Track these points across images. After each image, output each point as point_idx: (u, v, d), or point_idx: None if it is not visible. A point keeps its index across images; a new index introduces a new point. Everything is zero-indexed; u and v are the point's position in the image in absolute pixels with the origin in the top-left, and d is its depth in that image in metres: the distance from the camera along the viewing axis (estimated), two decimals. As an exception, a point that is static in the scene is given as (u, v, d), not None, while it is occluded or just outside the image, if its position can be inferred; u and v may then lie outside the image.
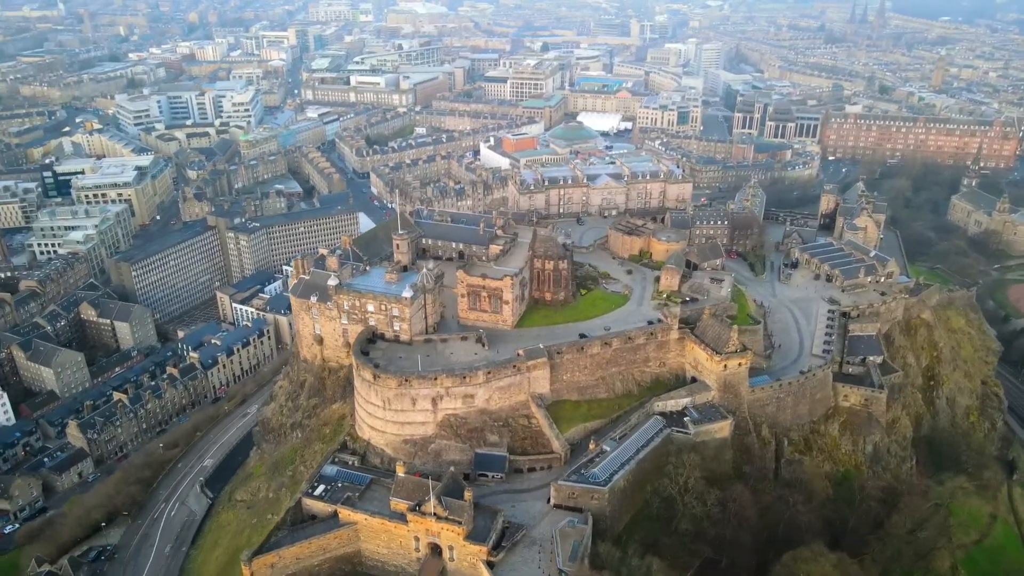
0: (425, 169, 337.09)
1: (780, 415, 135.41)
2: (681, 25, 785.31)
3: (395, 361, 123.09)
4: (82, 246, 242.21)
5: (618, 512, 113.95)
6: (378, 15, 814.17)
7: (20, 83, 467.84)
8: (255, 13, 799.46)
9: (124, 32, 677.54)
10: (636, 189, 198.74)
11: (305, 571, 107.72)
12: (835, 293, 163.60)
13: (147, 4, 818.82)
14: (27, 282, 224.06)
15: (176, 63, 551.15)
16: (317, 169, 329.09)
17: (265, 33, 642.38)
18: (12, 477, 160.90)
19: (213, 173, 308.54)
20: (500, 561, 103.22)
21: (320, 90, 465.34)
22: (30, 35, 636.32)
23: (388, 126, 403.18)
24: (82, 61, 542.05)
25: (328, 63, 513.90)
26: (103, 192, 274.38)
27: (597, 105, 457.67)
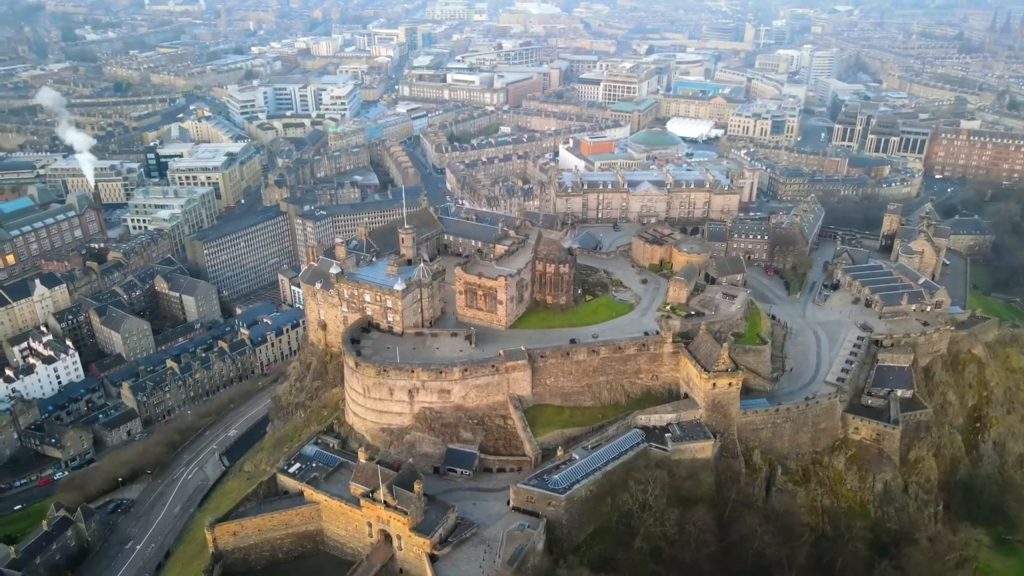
0: (500, 167, 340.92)
1: (776, 442, 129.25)
2: (802, 30, 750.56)
3: (381, 351, 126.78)
4: (167, 224, 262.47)
5: (577, 522, 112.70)
6: (492, 14, 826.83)
7: (152, 72, 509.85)
8: (375, 11, 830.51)
9: (253, 27, 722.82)
10: (679, 198, 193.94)
11: (267, 543, 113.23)
12: (871, 319, 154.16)
13: (279, 1, 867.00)
14: (114, 253, 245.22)
15: (292, 57, 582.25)
16: (396, 163, 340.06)
17: (377, 30, 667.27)
18: (66, 429, 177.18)
19: (297, 162, 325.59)
20: (444, 556, 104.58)
21: (417, 87, 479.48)
22: (170, 28, 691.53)
23: (474, 124, 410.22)
24: (210, 53, 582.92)
25: (430, 61, 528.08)
26: (194, 175, 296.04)
27: (690, 111, 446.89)
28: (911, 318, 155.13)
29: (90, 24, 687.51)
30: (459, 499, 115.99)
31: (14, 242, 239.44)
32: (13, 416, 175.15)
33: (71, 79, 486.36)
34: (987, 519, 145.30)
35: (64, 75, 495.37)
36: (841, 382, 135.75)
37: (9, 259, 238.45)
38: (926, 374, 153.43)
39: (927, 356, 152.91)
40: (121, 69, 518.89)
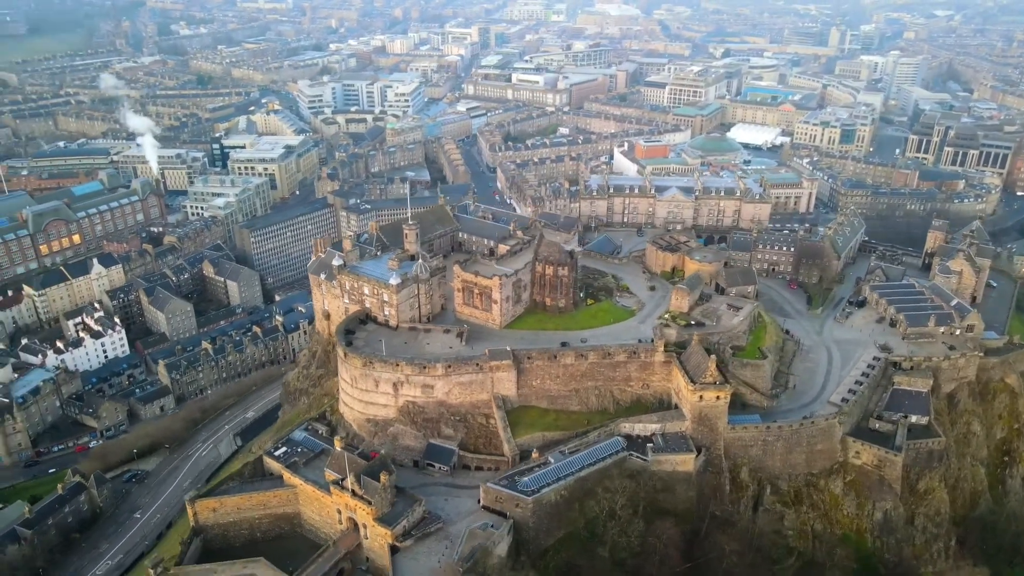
0: (552, 168, 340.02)
1: (767, 460, 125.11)
2: (894, 36, 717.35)
3: (373, 343, 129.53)
4: (221, 211, 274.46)
5: (546, 526, 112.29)
6: (570, 15, 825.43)
7: (233, 66, 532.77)
8: (454, 10, 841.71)
9: (335, 24, 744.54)
10: (707, 205, 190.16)
11: (246, 522, 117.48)
12: (894, 340, 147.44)
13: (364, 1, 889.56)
14: (169, 237, 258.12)
15: (367, 54, 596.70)
16: (448, 160, 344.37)
17: (452, 30, 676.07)
18: (103, 400, 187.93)
19: (352, 156, 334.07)
20: (405, 548, 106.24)
21: (482, 86, 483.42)
22: (257, 24, 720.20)
23: (533, 124, 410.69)
24: (290, 49, 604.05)
25: (497, 60, 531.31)
26: (252, 165, 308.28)
27: (757, 117, 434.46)
28: (937, 341, 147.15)
29: (185, 20, 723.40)
30: (434, 494, 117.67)
31: (80, 223, 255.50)
32: (56, 385, 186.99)
33: (159, 72, 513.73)
34: (1008, 559, 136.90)
35: (153, 68, 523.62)
36: (845, 403, 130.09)
37: (75, 239, 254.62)
38: (950, 401, 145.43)
39: (952, 382, 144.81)
40: (205, 63, 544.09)
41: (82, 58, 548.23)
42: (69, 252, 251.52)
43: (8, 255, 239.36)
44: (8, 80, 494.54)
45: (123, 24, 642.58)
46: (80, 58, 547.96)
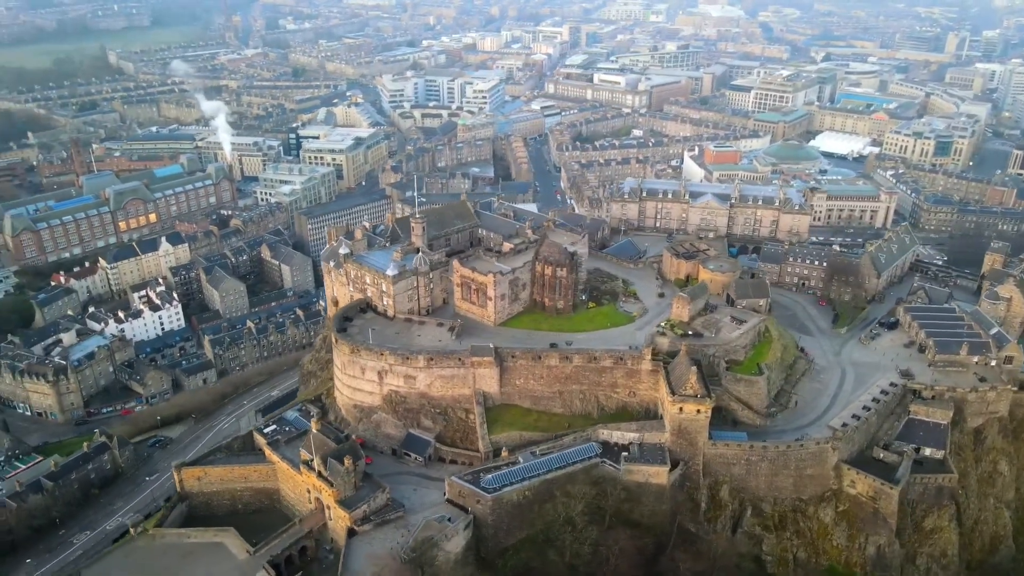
0: (615, 170, 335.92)
1: (751, 480, 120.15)
2: (1021, 43, 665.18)
3: (365, 331, 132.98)
4: (286, 198, 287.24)
5: (506, 525, 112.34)
6: (669, 16, 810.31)
7: (327, 60, 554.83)
8: (551, 9, 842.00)
9: (432, 22, 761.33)
10: (743, 214, 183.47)
11: (228, 493, 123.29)
12: (919, 366, 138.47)
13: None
14: (235, 221, 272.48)
15: (457, 52, 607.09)
16: (514, 158, 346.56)
17: (543, 28, 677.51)
18: (149, 369, 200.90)
19: (419, 150, 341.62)
20: (362, 532, 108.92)
21: (563, 85, 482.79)
22: (358, 20, 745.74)
23: (607, 125, 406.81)
24: (385, 45, 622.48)
25: (582, 60, 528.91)
26: (321, 155, 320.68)
27: (847, 125, 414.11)
28: (968, 371, 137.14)
29: (292, 15, 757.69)
30: (405, 483, 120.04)
31: (157, 203, 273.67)
32: (110, 352, 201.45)
33: (260, 63, 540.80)
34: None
35: (255, 60, 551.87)
36: (845, 428, 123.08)
37: (151, 217, 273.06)
38: (976, 436, 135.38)
39: (979, 416, 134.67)
40: (303, 57, 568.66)
41: (193, 49, 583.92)
42: (145, 230, 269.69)
43: (91, 230, 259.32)
44: (125, 68, 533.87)
45: (234, 19, 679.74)
46: (192, 49, 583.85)
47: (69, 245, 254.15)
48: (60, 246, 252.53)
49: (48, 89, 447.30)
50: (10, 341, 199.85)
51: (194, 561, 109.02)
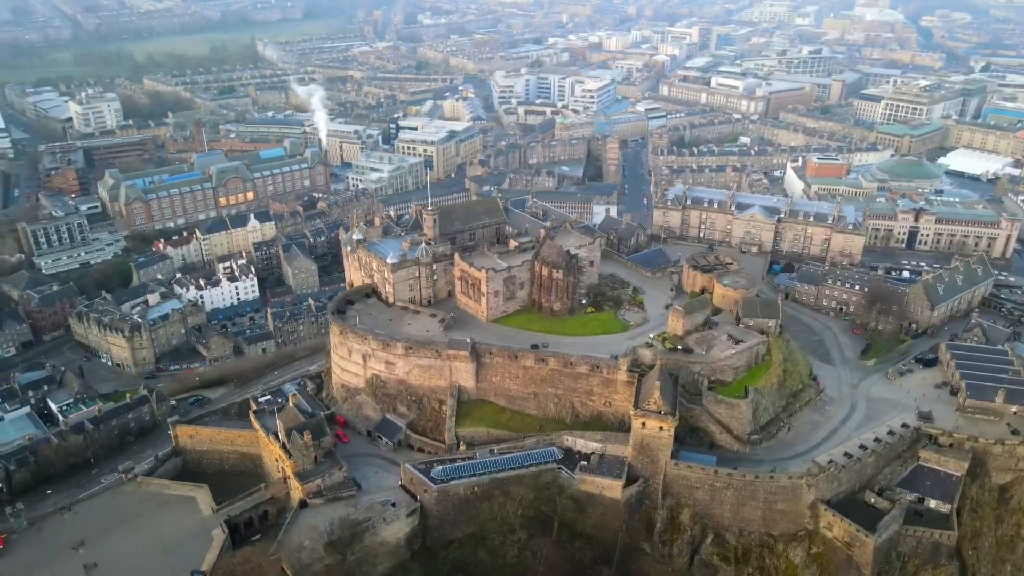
0: (708, 177, 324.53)
1: (715, 507, 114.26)
2: None
3: (362, 315, 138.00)
4: (373, 185, 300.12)
5: (452, 518, 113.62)
6: (817, 19, 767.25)
7: (451, 55, 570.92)
8: (689, 10, 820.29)
9: (565, 20, 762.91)
10: (793, 230, 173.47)
11: (216, 453, 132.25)
12: (943, 410, 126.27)
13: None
14: (322, 203, 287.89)
15: (581, 50, 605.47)
16: (605, 159, 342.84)
17: (671, 29, 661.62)
18: (213, 334, 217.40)
19: (510, 146, 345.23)
20: (313, 504, 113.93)
21: (678, 88, 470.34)
22: (491, 17, 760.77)
23: (713, 130, 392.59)
24: (511, 42, 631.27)
25: (704, 63, 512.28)
26: (414, 146, 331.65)
27: (987, 143, 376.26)
28: (1001, 421, 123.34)
29: (431, 11, 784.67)
30: (370, 464, 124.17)
31: (255, 182, 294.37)
32: (183, 315, 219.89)
33: (388, 56, 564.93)
34: None
35: (385, 52, 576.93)
36: (831, 465, 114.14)
37: (249, 195, 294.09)
38: (1001, 495, 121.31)
39: (1007, 473, 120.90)
40: (430, 51, 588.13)
41: (332, 41, 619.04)
42: (243, 206, 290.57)
43: (194, 203, 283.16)
44: (269, 57, 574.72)
45: (375, 13, 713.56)
46: (330, 41, 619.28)
47: (174, 216, 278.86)
48: (166, 216, 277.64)
49: (197, 74, 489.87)
50: (103, 297, 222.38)
51: (167, 511, 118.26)
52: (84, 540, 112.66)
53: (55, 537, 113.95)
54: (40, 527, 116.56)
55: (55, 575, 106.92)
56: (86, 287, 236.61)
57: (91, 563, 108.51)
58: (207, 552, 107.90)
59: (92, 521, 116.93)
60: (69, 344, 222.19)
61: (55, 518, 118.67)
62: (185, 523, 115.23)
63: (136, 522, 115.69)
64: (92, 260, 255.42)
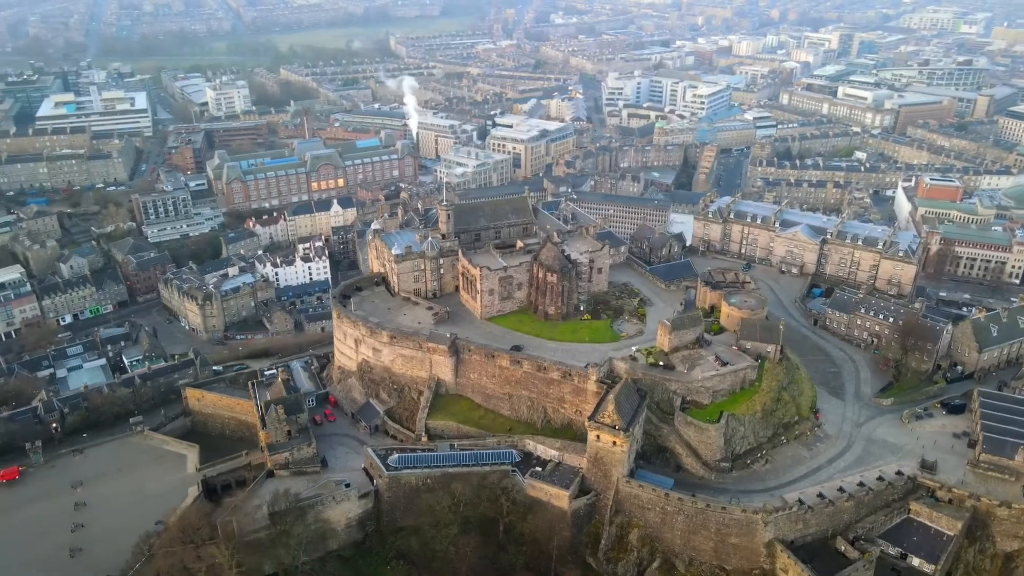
0: (807, 192, 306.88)
1: (665, 531, 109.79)
2: None
3: (366, 301, 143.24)
4: (457, 179, 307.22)
5: (403, 505, 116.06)
6: (987, 27, 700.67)
7: (571, 55, 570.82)
8: (838, 14, 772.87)
9: (700, 22, 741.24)
10: (839, 252, 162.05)
11: (218, 418, 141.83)
12: (953, 462, 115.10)
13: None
14: (404, 193, 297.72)
15: (708, 54, 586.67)
16: (699, 167, 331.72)
17: (809, 34, 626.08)
18: (276, 309, 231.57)
19: (600, 148, 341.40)
20: (279, 476, 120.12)
21: (799, 96, 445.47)
22: (623, 18, 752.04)
23: (826, 143, 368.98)
24: (637, 43, 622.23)
25: (835, 71, 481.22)
26: (503, 143, 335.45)
27: None
28: (1017, 483, 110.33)
29: (564, 10, 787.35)
30: (345, 445, 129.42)
31: (346, 170, 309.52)
32: (253, 290, 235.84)
33: (509, 54, 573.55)
34: None
35: (507, 50, 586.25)
36: (801, 505, 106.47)
37: (340, 182, 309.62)
38: (1006, 564, 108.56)
39: (1014, 540, 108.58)
40: (551, 50, 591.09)
41: (460, 38, 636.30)
42: (333, 192, 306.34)
43: (288, 186, 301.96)
44: (398, 52, 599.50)
45: (507, 12, 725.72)
46: (458, 38, 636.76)
47: (269, 196, 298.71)
48: (262, 196, 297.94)
49: (328, 65, 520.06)
50: (190, 267, 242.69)
51: (159, 464, 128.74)
52: (83, 481, 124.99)
53: (61, 475, 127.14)
54: (53, 464, 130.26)
55: (50, 508, 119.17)
56: (182, 256, 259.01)
57: (81, 502, 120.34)
58: (179, 506, 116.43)
59: (95, 465, 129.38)
60: (157, 307, 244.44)
61: (67, 458, 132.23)
62: (170, 477, 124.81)
63: (130, 471, 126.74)
64: (191, 232, 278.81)
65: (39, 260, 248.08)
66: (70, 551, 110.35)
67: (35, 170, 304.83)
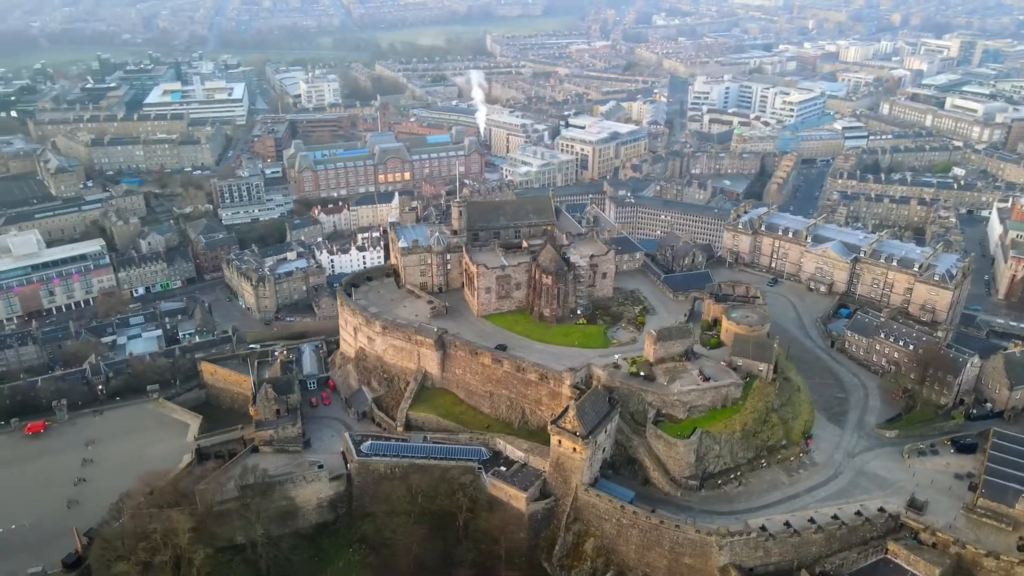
0: (888, 209, 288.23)
1: (621, 544, 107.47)
2: None
3: (371, 292, 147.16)
4: (519, 178, 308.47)
5: (372, 491, 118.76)
6: None
7: (665, 57, 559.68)
8: (967, 19, 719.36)
9: (811, 26, 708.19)
10: (872, 272, 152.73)
11: (228, 392, 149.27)
12: (947, 504, 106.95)
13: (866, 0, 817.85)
14: (466, 190, 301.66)
15: (812, 59, 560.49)
16: (774, 177, 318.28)
17: (927, 40, 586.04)
18: (324, 295, 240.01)
19: (671, 153, 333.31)
20: (262, 451, 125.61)
21: (901, 107, 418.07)
22: (729, 20, 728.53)
23: (921, 157, 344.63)
24: (737, 46, 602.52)
25: (946, 81, 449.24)
26: (572, 144, 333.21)
27: None
28: (1014, 533, 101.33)
29: (668, 12, 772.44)
30: (332, 428, 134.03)
31: (413, 164, 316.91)
32: (306, 275, 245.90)
33: (602, 55, 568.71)
34: None
35: (600, 51, 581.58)
36: (763, 532, 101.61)
37: (406, 175, 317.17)
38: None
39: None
40: (646, 52, 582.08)
41: (555, 38, 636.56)
42: (399, 185, 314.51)
43: (356, 177, 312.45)
44: (492, 50, 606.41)
45: (607, 12, 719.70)
46: (554, 38, 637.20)
47: (337, 186, 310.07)
48: (331, 186, 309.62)
49: (420, 62, 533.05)
50: (251, 249, 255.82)
51: (164, 430, 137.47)
52: (95, 440, 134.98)
53: (79, 432, 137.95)
54: (75, 422, 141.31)
55: (62, 461, 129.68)
56: (250, 239, 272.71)
57: (89, 459, 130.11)
58: (171, 471, 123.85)
59: (109, 426, 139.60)
60: (220, 285, 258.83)
61: (88, 417, 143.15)
62: (172, 444, 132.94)
63: (137, 434, 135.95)
64: (262, 217, 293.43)
65: (122, 235, 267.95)
66: (68, 502, 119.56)
67: (133, 152, 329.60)
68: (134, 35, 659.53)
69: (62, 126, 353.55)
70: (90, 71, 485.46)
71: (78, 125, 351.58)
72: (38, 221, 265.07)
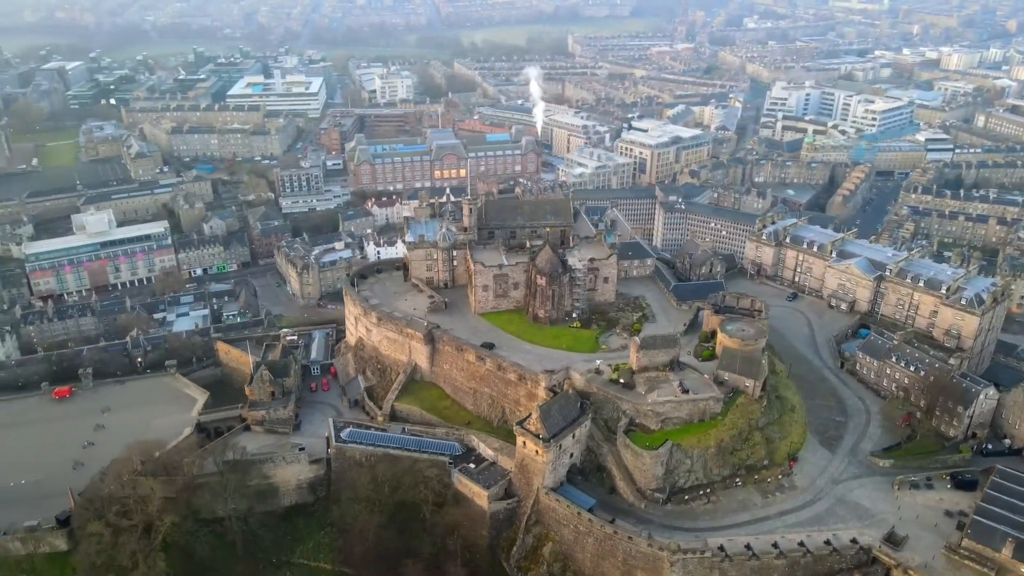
0: (963, 227, 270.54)
1: (577, 551, 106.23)
2: None
3: (376, 284, 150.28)
4: (572, 178, 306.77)
5: (347, 476, 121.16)
6: None
7: (749, 61, 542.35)
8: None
9: (916, 31, 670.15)
10: (897, 292, 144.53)
11: (239, 372, 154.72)
12: (931, 541, 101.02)
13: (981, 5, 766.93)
14: (518, 188, 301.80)
15: (909, 66, 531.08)
16: (841, 188, 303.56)
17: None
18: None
19: (732, 160, 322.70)
20: (255, 431, 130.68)
21: (997, 119, 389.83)
22: (825, 24, 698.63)
23: (1011, 173, 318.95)
24: (829, 51, 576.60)
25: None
26: (631, 147, 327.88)
27: None
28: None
29: (762, 14, 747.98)
30: (324, 413, 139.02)
31: (469, 160, 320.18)
32: (349, 265, 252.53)
33: (683, 57, 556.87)
34: None
35: (681, 53, 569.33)
36: (720, 552, 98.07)
37: (462, 172, 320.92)
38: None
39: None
40: (730, 55, 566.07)
41: (638, 39, 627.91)
42: (455, 181, 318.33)
43: (412, 172, 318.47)
44: (574, 51, 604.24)
45: (696, 14, 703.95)
46: (636, 39, 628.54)
47: (394, 180, 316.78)
48: (388, 179, 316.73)
49: (498, 60, 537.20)
50: (302, 237, 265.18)
51: (173, 403, 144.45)
52: (110, 407, 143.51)
53: (99, 400, 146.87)
54: (98, 390, 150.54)
55: (78, 425, 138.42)
56: (305, 228, 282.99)
57: (101, 425, 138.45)
58: (171, 442, 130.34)
59: (127, 395, 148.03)
60: (272, 270, 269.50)
61: (110, 385, 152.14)
62: (177, 417, 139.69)
63: (148, 405, 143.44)
64: (319, 207, 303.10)
65: (188, 218, 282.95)
66: (74, 464, 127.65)
67: (208, 141, 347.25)
68: (234, 30, 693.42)
69: (151, 114, 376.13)
70: (185, 63, 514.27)
71: (164, 113, 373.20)
72: (114, 202, 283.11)
